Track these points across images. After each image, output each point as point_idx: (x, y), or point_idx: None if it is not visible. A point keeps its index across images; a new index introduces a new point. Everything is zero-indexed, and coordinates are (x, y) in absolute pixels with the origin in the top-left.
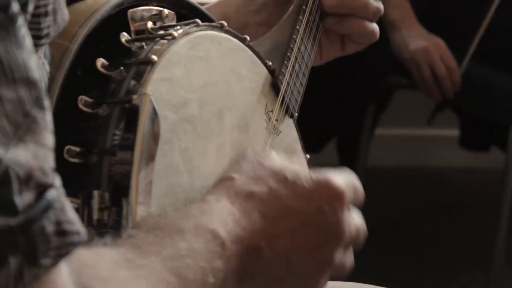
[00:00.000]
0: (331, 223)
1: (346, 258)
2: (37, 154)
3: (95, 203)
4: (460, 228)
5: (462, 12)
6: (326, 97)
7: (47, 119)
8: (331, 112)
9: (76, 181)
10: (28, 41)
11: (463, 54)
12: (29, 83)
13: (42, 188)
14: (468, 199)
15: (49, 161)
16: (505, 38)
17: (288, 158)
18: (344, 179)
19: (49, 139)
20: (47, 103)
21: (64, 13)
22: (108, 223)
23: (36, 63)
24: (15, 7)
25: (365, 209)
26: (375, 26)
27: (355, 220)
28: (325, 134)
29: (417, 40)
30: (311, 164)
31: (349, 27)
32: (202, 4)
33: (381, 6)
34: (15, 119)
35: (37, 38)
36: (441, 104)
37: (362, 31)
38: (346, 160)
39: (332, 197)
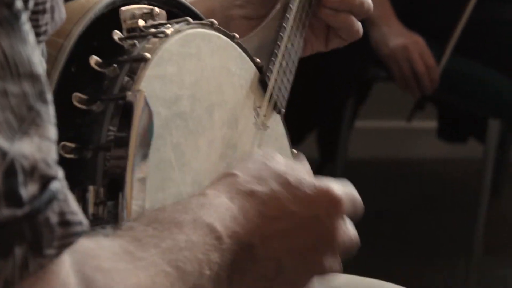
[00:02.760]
0: (325, 229)
1: (335, 264)
2: (41, 146)
3: (91, 198)
4: (440, 219)
5: (440, 9)
6: (306, 89)
7: (50, 112)
8: (311, 105)
9: (72, 176)
10: (31, 37)
11: (442, 52)
12: (33, 77)
13: (46, 180)
14: (448, 190)
15: (52, 153)
16: (484, 31)
17: (293, 163)
18: (343, 190)
19: (52, 132)
20: (49, 97)
21: (62, 11)
22: (104, 217)
23: (39, 58)
24: (19, 3)
25: None
26: (360, 25)
27: (349, 230)
28: (305, 126)
29: (396, 37)
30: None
31: (342, 21)
32: None
33: (371, 4)
34: (20, 113)
35: (36, 35)
36: (420, 101)
37: (351, 27)
38: (326, 153)
39: (330, 204)
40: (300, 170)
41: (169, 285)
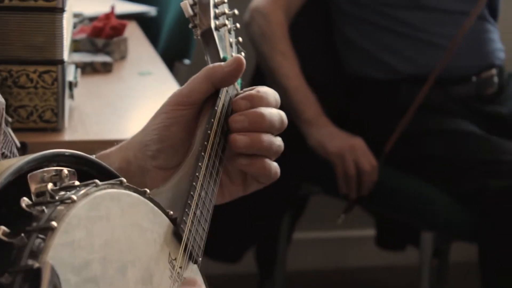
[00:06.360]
0: None
1: None
2: None
3: None
4: None
5: (375, 119)
6: (242, 207)
7: None
8: (247, 223)
9: None
10: None
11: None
12: None
13: None
14: None
15: None
16: (415, 143)
17: None
18: None
19: None
20: None
21: None
22: None
23: None
24: None
25: None
26: (277, 166)
27: None
28: (242, 243)
29: (339, 137)
30: None
31: (258, 168)
32: (119, 141)
33: (282, 144)
34: None
35: None
36: (352, 203)
37: (268, 171)
38: (265, 268)
39: None
40: None
41: None
